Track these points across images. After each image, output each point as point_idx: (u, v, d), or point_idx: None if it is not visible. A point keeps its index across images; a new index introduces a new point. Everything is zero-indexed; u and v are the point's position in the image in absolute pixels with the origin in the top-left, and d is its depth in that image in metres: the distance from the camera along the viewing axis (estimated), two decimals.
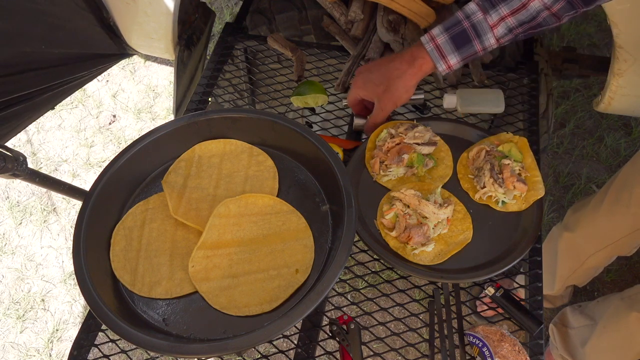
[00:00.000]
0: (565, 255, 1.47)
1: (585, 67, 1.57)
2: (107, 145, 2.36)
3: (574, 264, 1.45)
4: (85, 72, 1.28)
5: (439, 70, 0.92)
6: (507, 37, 0.87)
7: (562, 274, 1.52)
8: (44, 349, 1.82)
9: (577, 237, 1.40)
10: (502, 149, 0.97)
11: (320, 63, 1.26)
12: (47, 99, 1.22)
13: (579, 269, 1.46)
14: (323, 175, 0.88)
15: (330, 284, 0.71)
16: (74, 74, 1.25)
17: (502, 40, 0.88)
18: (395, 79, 0.94)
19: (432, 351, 0.82)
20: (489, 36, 0.87)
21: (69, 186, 1.02)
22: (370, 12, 1.25)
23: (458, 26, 0.88)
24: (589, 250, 1.38)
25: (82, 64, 1.27)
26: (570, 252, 1.45)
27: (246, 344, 0.68)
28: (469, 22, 0.87)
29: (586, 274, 1.51)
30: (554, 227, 1.53)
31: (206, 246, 0.81)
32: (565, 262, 1.48)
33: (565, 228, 1.44)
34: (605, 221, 1.30)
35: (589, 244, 1.37)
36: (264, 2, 1.39)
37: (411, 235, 0.87)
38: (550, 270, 1.53)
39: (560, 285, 1.56)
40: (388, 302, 0.89)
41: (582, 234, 1.37)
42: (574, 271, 1.48)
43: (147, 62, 2.66)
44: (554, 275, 1.54)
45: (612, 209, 1.27)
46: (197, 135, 0.94)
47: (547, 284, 1.58)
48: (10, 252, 2.05)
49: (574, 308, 1.47)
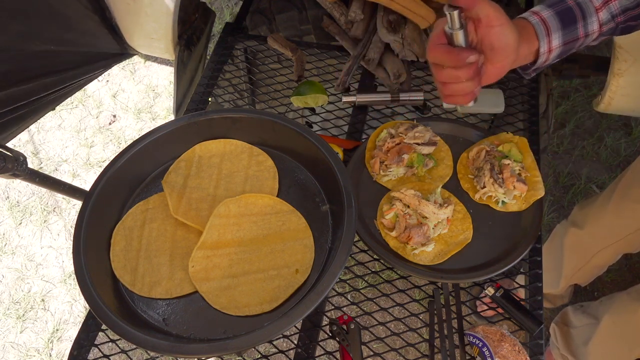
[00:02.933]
0: (571, 253, 1.46)
1: (585, 67, 1.57)
2: (107, 145, 2.36)
3: (580, 261, 1.44)
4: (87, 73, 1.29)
5: (540, 51, 0.78)
6: (609, 24, 0.79)
7: (567, 272, 1.51)
8: (44, 349, 1.82)
9: (585, 234, 1.38)
10: (502, 149, 0.97)
11: (320, 63, 1.26)
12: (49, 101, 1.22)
13: (585, 266, 1.45)
14: (323, 175, 0.88)
15: (330, 284, 0.71)
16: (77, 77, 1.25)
17: (604, 28, 0.79)
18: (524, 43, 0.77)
19: (432, 351, 0.82)
20: (593, 19, 0.79)
21: (69, 186, 1.02)
22: (370, 12, 1.25)
23: (562, 3, 0.79)
24: (596, 247, 1.37)
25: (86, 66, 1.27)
26: (577, 248, 1.44)
27: (246, 344, 0.68)
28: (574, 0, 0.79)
29: (591, 272, 1.50)
30: (559, 224, 1.52)
31: (206, 246, 0.81)
32: (571, 259, 1.47)
33: (572, 225, 1.43)
34: (614, 218, 1.29)
35: (596, 241, 1.36)
36: (264, 2, 1.39)
37: (411, 235, 0.87)
38: (555, 267, 1.53)
39: (564, 284, 1.55)
40: (388, 302, 0.89)
41: (589, 231, 1.36)
42: (579, 269, 1.47)
43: (147, 62, 2.66)
44: (559, 272, 1.53)
45: (620, 206, 1.26)
46: (197, 135, 0.94)
47: (552, 282, 1.58)
48: (10, 252, 2.05)
49: (575, 308, 1.47)
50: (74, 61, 1.22)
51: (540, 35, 0.78)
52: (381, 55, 1.20)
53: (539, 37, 0.78)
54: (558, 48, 0.80)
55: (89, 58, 1.27)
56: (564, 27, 0.78)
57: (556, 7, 0.78)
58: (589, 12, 0.78)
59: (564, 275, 1.53)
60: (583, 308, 1.43)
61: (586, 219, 1.38)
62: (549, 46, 0.79)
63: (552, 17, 0.78)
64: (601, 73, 1.48)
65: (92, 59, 1.28)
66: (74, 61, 1.22)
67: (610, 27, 0.80)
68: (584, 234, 1.39)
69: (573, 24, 0.79)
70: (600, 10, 0.78)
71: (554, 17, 0.78)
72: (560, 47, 0.80)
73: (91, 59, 1.28)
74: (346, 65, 1.18)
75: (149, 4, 1.21)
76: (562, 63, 1.57)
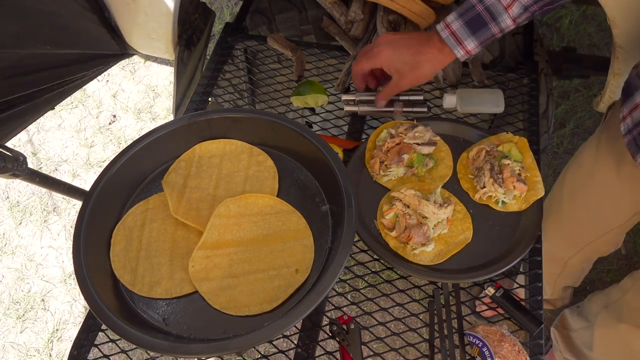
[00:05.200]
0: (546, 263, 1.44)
1: (585, 67, 1.57)
2: (107, 145, 2.36)
3: (556, 268, 1.42)
4: (86, 72, 1.29)
5: (457, 56, 0.91)
6: (523, 15, 0.85)
7: (548, 279, 1.48)
8: (44, 349, 1.82)
9: (550, 245, 1.35)
10: (502, 149, 0.97)
11: (320, 63, 1.26)
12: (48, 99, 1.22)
13: (563, 272, 1.43)
14: (323, 175, 0.88)
15: (330, 284, 0.71)
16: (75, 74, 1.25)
17: (518, 20, 0.86)
18: (425, 63, 0.93)
19: (432, 351, 0.82)
20: (504, 17, 0.85)
21: (69, 186, 1.02)
22: (370, 12, 1.25)
23: (472, 11, 0.87)
24: (565, 255, 1.36)
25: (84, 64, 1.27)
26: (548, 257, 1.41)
27: (246, 344, 0.68)
28: (482, 5, 0.86)
29: (574, 275, 1.48)
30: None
31: (206, 246, 0.81)
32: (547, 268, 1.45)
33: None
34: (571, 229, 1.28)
35: (562, 250, 1.35)
36: (264, 2, 1.39)
37: (411, 235, 0.87)
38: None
39: (551, 289, 1.54)
40: (388, 302, 0.89)
41: (553, 243, 1.33)
42: (558, 275, 1.45)
43: (147, 62, 2.66)
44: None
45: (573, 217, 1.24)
46: (197, 135, 0.94)
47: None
48: (10, 252, 2.05)
49: (572, 310, 1.46)
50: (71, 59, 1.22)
51: (452, 46, 0.89)
52: None
53: (451, 47, 0.89)
54: (476, 47, 0.89)
55: (87, 57, 1.27)
56: (474, 32, 0.88)
57: (465, 16, 0.87)
58: (497, 12, 0.85)
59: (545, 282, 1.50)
60: (578, 309, 1.42)
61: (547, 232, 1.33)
62: (464, 51, 0.89)
63: (461, 28, 0.88)
64: (601, 73, 1.48)
65: (90, 57, 1.28)
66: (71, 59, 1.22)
67: (526, 17, 0.86)
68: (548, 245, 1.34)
69: (484, 27, 0.87)
70: (510, 8, 0.85)
71: (463, 27, 0.88)
72: (478, 47, 0.89)
73: (89, 58, 1.28)
74: (346, 65, 1.18)
75: (148, 4, 1.21)
76: (562, 63, 1.57)
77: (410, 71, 0.94)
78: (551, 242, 1.33)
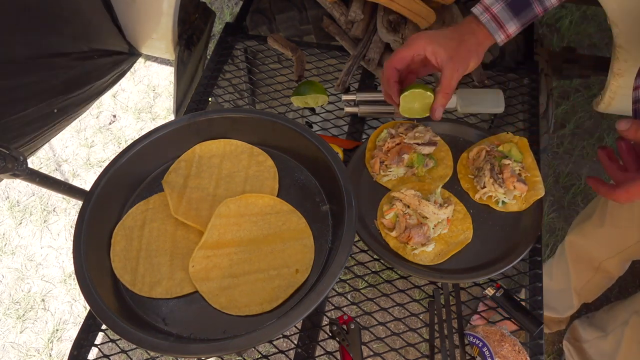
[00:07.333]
0: (577, 265, 1.41)
1: (585, 67, 1.57)
2: (107, 145, 2.36)
3: (587, 272, 1.40)
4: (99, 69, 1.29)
5: (497, 41, 0.84)
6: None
7: (576, 284, 1.45)
8: (44, 349, 1.82)
9: (587, 245, 1.35)
10: (502, 149, 0.97)
11: (320, 63, 1.26)
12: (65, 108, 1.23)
13: (594, 277, 1.40)
14: (323, 175, 0.88)
15: (330, 284, 0.71)
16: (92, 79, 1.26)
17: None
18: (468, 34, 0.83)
19: (432, 351, 0.82)
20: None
21: (69, 186, 1.02)
22: (370, 12, 1.25)
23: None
24: (600, 256, 1.34)
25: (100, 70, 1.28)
26: (581, 259, 1.40)
27: (246, 344, 0.68)
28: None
29: (600, 284, 1.45)
30: (559, 245, 1.48)
31: (207, 246, 0.81)
32: (578, 272, 1.42)
33: (573, 239, 1.39)
34: (612, 232, 1.27)
35: (599, 251, 1.33)
36: (264, 2, 1.39)
37: (411, 235, 0.87)
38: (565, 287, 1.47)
39: (577, 301, 1.49)
40: (388, 302, 0.89)
41: (591, 243, 1.33)
42: (588, 280, 1.42)
43: (147, 62, 2.66)
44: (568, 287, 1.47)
45: (615, 223, 1.24)
46: (197, 135, 0.94)
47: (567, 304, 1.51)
48: (10, 252, 2.05)
49: (582, 320, 1.43)
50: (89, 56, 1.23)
51: (493, 30, 0.81)
52: (381, 55, 1.20)
53: (491, 32, 0.82)
54: (517, 30, 0.82)
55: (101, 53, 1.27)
56: (516, 14, 0.80)
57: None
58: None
59: (573, 289, 1.47)
60: (589, 320, 1.39)
61: (586, 232, 1.35)
62: (505, 35, 0.82)
63: (503, 10, 0.80)
64: (601, 73, 1.48)
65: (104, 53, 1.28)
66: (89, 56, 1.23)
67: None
68: (585, 246, 1.36)
69: (527, 7, 0.81)
70: None
71: (504, 9, 0.80)
72: (519, 29, 0.82)
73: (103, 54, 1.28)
74: (346, 65, 1.18)
75: (149, 4, 1.21)
76: (562, 63, 1.57)
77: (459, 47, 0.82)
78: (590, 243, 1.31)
